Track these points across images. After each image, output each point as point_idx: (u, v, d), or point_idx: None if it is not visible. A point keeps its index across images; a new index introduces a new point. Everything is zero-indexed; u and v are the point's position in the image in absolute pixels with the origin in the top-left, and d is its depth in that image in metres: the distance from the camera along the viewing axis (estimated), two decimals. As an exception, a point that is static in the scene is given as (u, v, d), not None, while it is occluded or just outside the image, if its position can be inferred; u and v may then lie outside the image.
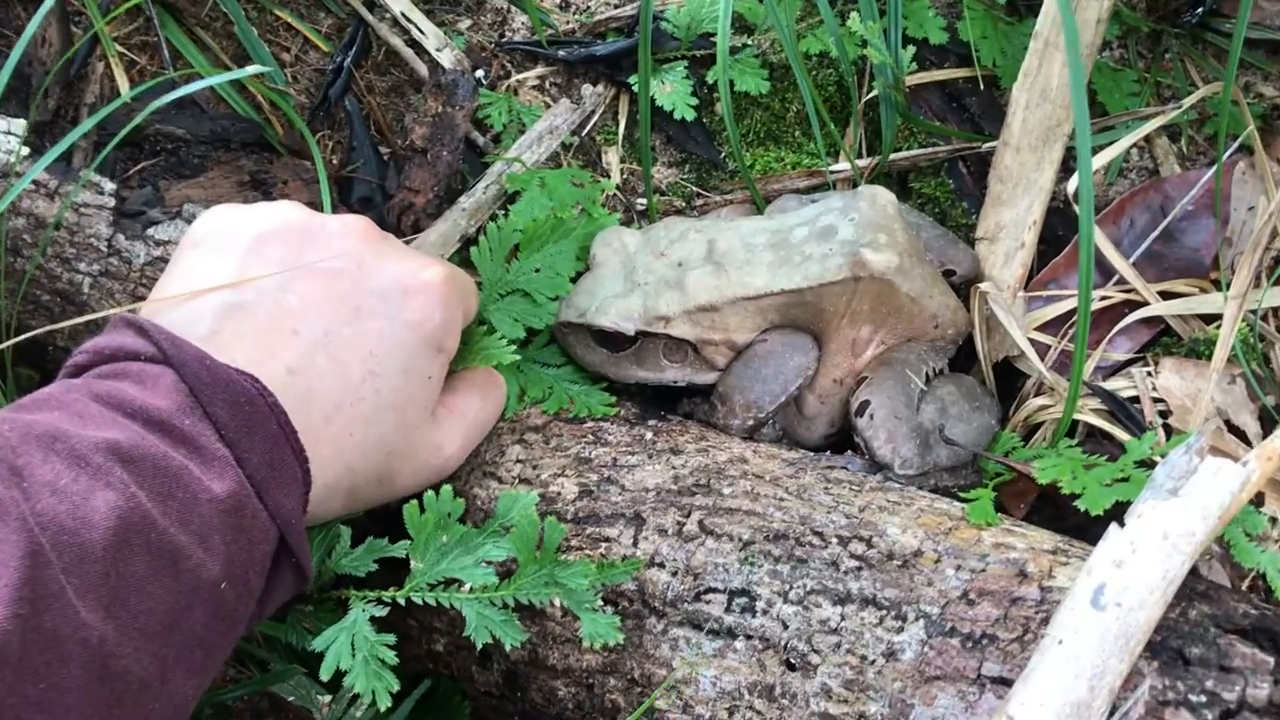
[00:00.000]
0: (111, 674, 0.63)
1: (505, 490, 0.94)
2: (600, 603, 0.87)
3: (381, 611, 0.85)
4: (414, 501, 0.86)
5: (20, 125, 1.08)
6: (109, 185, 1.08)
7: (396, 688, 0.81)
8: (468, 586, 0.86)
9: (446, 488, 0.87)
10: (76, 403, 0.69)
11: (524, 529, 0.86)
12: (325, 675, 0.81)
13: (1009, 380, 1.09)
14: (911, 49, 1.13)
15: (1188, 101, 1.11)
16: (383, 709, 0.80)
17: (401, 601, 0.86)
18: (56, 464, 0.64)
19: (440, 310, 0.86)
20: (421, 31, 1.22)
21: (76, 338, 1.07)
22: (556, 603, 0.90)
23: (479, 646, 0.84)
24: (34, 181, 1.06)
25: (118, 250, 1.06)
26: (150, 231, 1.06)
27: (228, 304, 0.79)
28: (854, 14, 1.09)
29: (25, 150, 1.07)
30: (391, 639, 0.83)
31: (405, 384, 0.84)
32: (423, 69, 1.21)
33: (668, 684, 0.86)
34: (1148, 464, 0.89)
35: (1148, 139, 1.13)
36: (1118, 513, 0.82)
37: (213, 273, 0.81)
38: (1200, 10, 1.15)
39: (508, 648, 0.84)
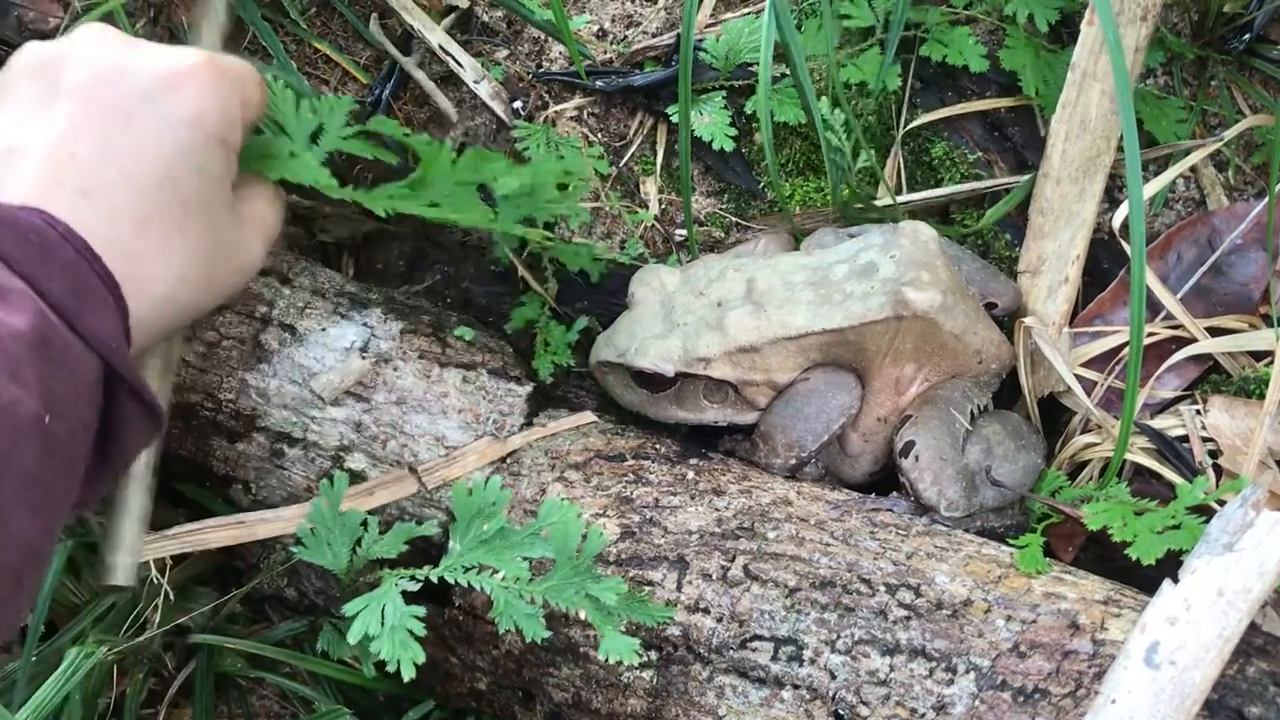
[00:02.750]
0: None
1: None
2: (623, 625, 0.87)
3: (414, 586, 0.85)
4: (462, 484, 0.86)
5: None
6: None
7: (421, 659, 0.81)
8: (500, 575, 0.86)
9: (496, 478, 0.87)
10: None
11: (565, 530, 0.86)
12: (353, 639, 0.81)
13: (1054, 415, 1.08)
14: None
15: (1233, 131, 1.09)
16: (406, 679, 0.79)
17: (434, 580, 0.86)
18: None
19: (212, 99, 0.81)
20: (459, 63, 1.21)
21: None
22: (594, 636, 0.90)
23: (501, 630, 0.84)
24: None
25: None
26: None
27: (3, 149, 0.76)
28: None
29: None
30: (421, 611, 0.83)
31: (203, 184, 0.80)
32: (446, 105, 1.21)
33: (713, 732, 0.86)
34: (1199, 509, 0.87)
35: (1194, 169, 1.12)
36: (1170, 560, 0.82)
37: None
38: (1247, 36, 1.13)
39: (528, 639, 0.84)
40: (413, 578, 0.85)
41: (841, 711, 0.81)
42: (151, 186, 0.77)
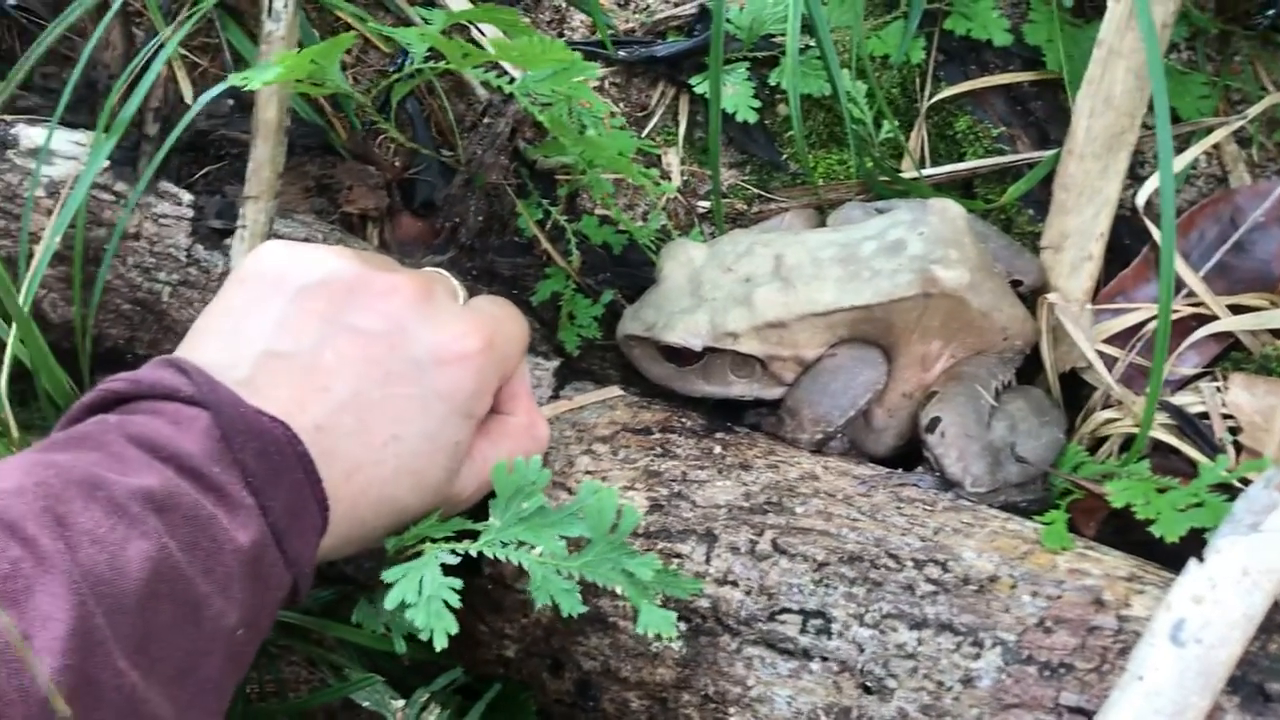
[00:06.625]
0: (140, 717, 0.65)
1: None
2: (658, 599, 0.88)
3: (453, 560, 0.86)
4: (504, 461, 0.87)
5: (88, 136, 1.10)
6: (186, 196, 1.10)
7: (455, 630, 0.81)
8: (538, 551, 0.87)
9: (536, 457, 0.88)
10: (113, 444, 0.71)
11: (600, 509, 0.87)
12: (390, 605, 0.82)
13: (1074, 390, 1.09)
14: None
15: (1256, 108, 1.10)
16: (438, 649, 0.80)
17: (474, 554, 0.87)
18: (96, 512, 0.67)
19: (473, 380, 0.87)
20: (481, 33, 1.21)
21: (156, 346, 1.10)
22: (624, 606, 0.91)
23: (537, 606, 0.85)
24: (112, 192, 1.09)
25: (196, 260, 1.09)
26: (227, 242, 1.08)
27: (266, 352, 0.80)
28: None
29: (105, 161, 1.09)
30: (458, 583, 0.83)
31: (428, 449, 0.85)
32: (469, 77, 1.21)
33: (742, 702, 0.87)
34: (1221, 487, 0.89)
35: (1216, 146, 1.12)
36: (1192, 537, 0.83)
37: (256, 315, 0.82)
38: (1271, 11, 1.13)
39: (565, 614, 0.85)
40: (453, 551, 0.86)
41: (869, 684, 0.83)
42: (377, 442, 0.82)
